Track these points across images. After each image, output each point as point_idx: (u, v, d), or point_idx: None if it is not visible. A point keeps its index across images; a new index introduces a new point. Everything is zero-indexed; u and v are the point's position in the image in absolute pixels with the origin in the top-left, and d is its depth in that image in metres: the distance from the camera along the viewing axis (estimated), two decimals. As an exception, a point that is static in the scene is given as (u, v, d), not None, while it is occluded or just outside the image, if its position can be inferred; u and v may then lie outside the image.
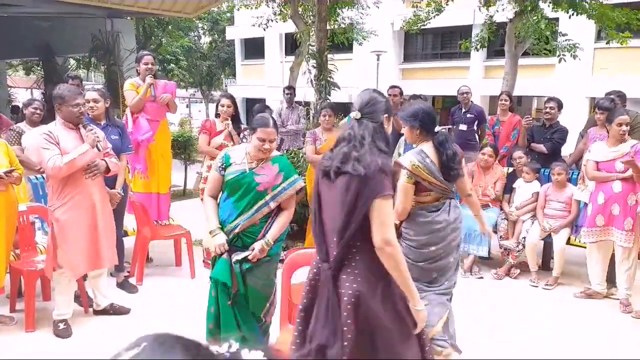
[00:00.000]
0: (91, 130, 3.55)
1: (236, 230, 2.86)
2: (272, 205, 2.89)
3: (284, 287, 2.92)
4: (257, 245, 2.84)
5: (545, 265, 5.13)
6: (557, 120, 5.63)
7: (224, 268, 2.85)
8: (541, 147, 5.59)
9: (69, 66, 14.37)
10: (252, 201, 2.87)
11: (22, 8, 10.96)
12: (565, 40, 8.11)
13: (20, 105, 5.73)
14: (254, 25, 12.38)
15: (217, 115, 4.88)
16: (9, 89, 14.57)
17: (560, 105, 5.59)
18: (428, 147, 2.92)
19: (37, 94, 13.27)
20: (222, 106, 4.83)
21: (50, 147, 3.35)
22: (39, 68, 14.40)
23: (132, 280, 4.59)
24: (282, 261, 3.11)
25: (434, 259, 2.90)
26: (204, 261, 4.90)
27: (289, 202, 2.99)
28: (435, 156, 2.90)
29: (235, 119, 4.91)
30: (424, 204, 2.94)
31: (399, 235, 2.93)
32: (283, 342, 2.75)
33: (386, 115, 2.17)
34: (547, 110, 5.60)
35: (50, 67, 12.32)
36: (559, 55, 8.08)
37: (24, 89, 20.00)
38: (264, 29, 12.46)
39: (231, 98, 4.95)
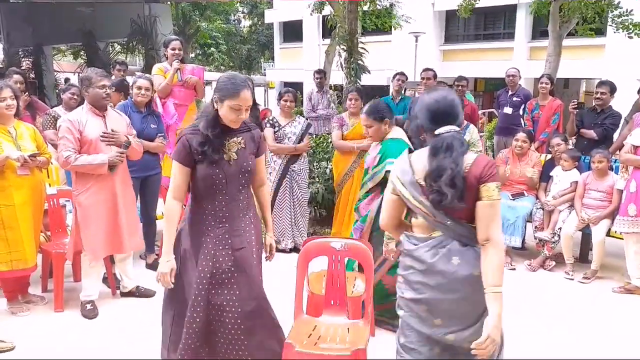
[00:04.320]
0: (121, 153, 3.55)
1: None
2: None
3: (299, 276, 2.87)
4: None
5: (583, 258, 4.89)
6: (609, 105, 5.33)
7: None
8: (591, 133, 5.32)
9: (112, 51, 14.69)
10: None
11: (65, -6, 11.27)
12: (627, 16, 7.69)
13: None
14: (311, 13, 12.16)
15: None
16: (55, 73, 15.06)
17: (612, 90, 5.29)
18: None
19: (82, 78, 13.58)
20: None
21: (69, 137, 3.39)
22: (82, 53, 14.84)
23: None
24: (297, 250, 3.05)
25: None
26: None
27: None
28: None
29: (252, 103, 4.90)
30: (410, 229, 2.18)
31: None
32: (297, 332, 2.72)
33: None
34: (599, 95, 5.30)
35: (93, 52, 12.67)
36: (629, 35, 7.71)
37: (70, 73, 20.65)
38: (311, 14, 12.27)
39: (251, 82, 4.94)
